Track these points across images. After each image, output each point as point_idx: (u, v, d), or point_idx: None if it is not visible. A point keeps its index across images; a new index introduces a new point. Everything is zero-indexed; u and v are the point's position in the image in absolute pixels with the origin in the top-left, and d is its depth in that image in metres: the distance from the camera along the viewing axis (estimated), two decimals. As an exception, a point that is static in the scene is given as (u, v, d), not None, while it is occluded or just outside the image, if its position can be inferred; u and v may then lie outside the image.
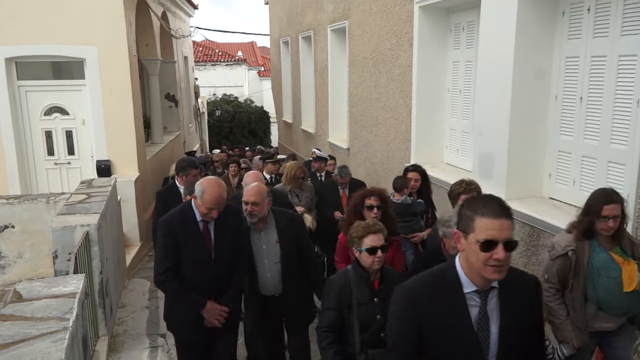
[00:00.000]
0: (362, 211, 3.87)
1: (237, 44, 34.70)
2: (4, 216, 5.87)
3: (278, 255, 3.77)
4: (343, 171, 6.02)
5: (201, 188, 3.37)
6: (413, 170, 5.27)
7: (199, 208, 3.41)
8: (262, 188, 3.74)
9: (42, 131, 8.07)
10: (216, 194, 3.35)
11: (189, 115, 15.75)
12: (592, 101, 4.11)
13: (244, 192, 3.84)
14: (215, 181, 3.47)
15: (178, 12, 14.21)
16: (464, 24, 5.93)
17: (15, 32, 7.49)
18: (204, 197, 3.34)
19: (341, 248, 3.91)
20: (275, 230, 3.80)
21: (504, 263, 1.78)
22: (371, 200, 3.91)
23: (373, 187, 4.10)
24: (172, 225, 3.43)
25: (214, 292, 3.53)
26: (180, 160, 5.74)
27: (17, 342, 2.27)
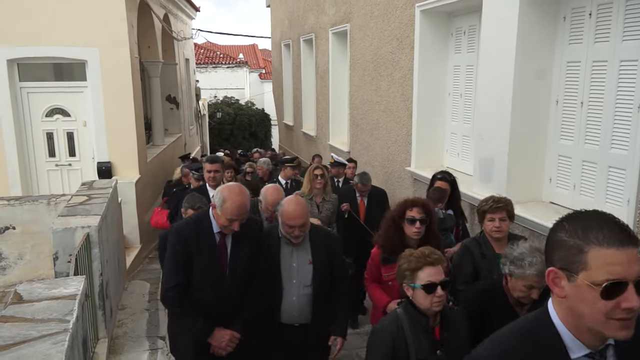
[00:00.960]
0: (402, 224, 3.34)
1: (239, 46, 34.76)
2: (5, 217, 5.88)
3: (309, 278, 3.23)
4: (364, 178, 5.53)
5: (222, 196, 2.94)
6: (442, 179, 4.69)
7: (218, 219, 2.99)
8: (305, 206, 3.22)
9: (43, 132, 8.09)
10: (239, 203, 2.93)
11: (190, 117, 15.77)
12: (593, 106, 4.12)
13: (285, 214, 3.26)
14: (239, 189, 3.03)
15: (180, 14, 14.24)
16: (465, 28, 5.94)
17: (18, 34, 7.51)
18: (225, 207, 2.91)
19: (373, 266, 3.41)
20: (309, 248, 3.27)
21: (635, 314, 1.24)
22: (413, 212, 3.30)
23: (416, 197, 3.49)
24: (185, 234, 3.04)
25: (227, 313, 3.13)
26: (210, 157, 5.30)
27: (18, 344, 2.27)
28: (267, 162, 7.54)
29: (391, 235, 3.13)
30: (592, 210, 1.39)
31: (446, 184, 4.61)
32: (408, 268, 2.44)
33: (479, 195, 4.99)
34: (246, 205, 2.97)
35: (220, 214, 2.94)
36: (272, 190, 3.68)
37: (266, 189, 3.69)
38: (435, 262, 2.42)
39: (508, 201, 3.46)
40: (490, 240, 3.38)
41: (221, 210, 2.93)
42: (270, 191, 3.66)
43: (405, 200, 3.41)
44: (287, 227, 3.16)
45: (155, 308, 5.71)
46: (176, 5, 13.37)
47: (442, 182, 4.64)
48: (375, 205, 5.51)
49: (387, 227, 3.36)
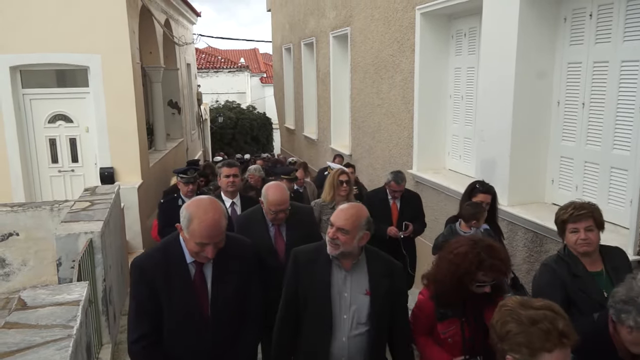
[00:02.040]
0: (469, 283, 2.44)
1: (240, 50, 34.87)
2: (9, 224, 5.88)
3: (365, 314, 2.50)
4: (399, 176, 4.86)
5: (187, 213, 2.31)
6: (485, 192, 4.03)
7: (187, 244, 2.35)
8: (361, 213, 2.52)
9: (46, 139, 8.10)
10: (210, 222, 2.28)
11: (191, 122, 15.79)
12: (595, 107, 4.12)
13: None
14: (209, 203, 2.36)
15: (181, 19, 14.29)
16: (465, 30, 5.95)
17: (20, 41, 7.54)
18: (192, 228, 2.28)
19: (423, 317, 2.62)
20: (366, 275, 2.55)
21: None
22: (486, 277, 2.43)
23: (492, 252, 2.45)
24: (149, 268, 2.37)
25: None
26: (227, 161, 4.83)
27: (22, 350, 2.28)
28: (258, 169, 6.99)
29: (451, 290, 2.44)
30: None
31: (489, 197, 4.02)
32: (527, 344, 1.70)
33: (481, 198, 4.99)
34: (220, 225, 2.31)
35: (188, 237, 2.30)
36: (274, 189, 3.31)
37: (267, 187, 3.34)
38: (569, 343, 1.69)
39: (593, 207, 2.79)
40: (578, 256, 2.73)
41: (188, 232, 2.29)
42: (272, 190, 3.30)
43: (478, 254, 2.41)
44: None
45: (158, 313, 5.69)
46: (177, 11, 13.41)
47: (484, 195, 4.00)
48: (409, 211, 4.99)
49: (448, 281, 2.47)
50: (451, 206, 5.75)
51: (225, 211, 2.41)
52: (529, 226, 4.38)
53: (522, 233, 4.49)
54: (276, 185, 3.35)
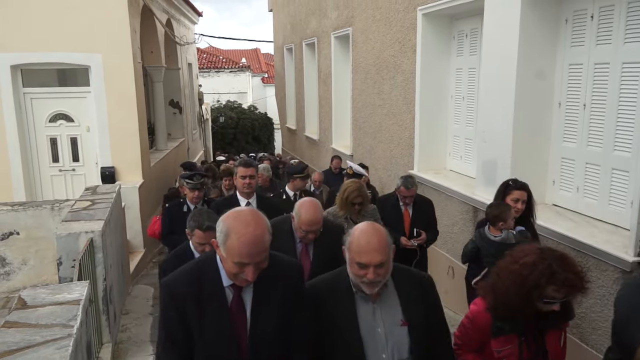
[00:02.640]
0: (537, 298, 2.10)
1: (241, 50, 34.91)
2: (9, 223, 5.89)
3: (406, 348, 2.15)
4: (409, 181, 4.64)
5: (224, 227, 1.94)
6: (520, 188, 3.73)
7: (224, 264, 1.98)
8: (383, 231, 2.16)
9: (47, 138, 8.12)
10: (251, 238, 1.89)
11: (193, 121, 15.80)
12: (596, 108, 4.11)
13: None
14: (250, 215, 1.98)
15: (182, 19, 14.30)
16: (467, 31, 5.95)
17: (21, 40, 7.55)
18: (230, 244, 1.90)
19: (473, 331, 2.34)
20: (397, 301, 2.18)
21: None
22: (558, 292, 2.09)
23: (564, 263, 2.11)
24: (180, 292, 2.02)
25: None
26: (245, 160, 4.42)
27: (22, 349, 2.28)
28: (267, 168, 6.88)
29: (514, 304, 2.12)
30: None
31: (525, 193, 3.73)
32: None
33: (482, 199, 4.99)
34: (263, 241, 1.92)
35: (225, 255, 1.93)
36: (307, 207, 3.01)
37: (301, 204, 3.04)
38: None
39: None
40: None
41: (225, 249, 1.93)
42: (305, 207, 3.00)
43: (549, 265, 2.07)
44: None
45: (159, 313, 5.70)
46: (179, 10, 13.42)
47: (519, 192, 3.71)
48: (421, 217, 4.78)
49: (512, 294, 2.14)
50: (452, 207, 5.75)
51: (269, 226, 1.99)
52: (530, 227, 4.37)
53: (523, 234, 4.49)
54: (311, 202, 3.06)
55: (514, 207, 3.66)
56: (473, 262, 3.96)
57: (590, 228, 3.97)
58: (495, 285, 2.24)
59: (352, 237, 2.12)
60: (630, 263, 3.36)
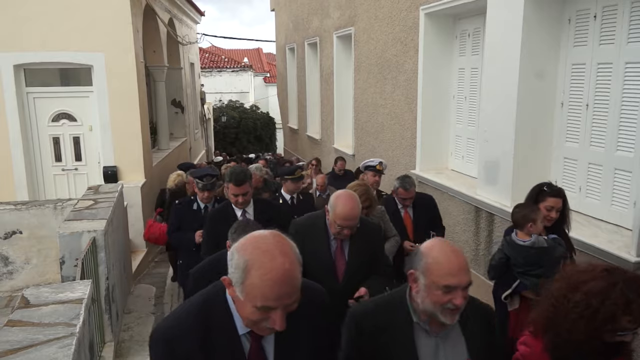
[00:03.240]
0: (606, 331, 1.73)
1: (243, 50, 34.92)
2: (12, 222, 5.91)
3: None
4: (406, 182, 4.32)
5: (240, 259, 1.46)
6: (555, 195, 3.36)
7: (242, 308, 1.50)
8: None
9: (49, 137, 8.13)
10: (280, 275, 1.42)
11: (195, 121, 15.82)
12: (598, 108, 4.11)
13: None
14: (274, 243, 1.48)
15: (185, 18, 14.31)
16: (469, 30, 5.94)
17: (24, 39, 7.56)
18: (250, 283, 1.43)
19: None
20: (462, 336, 1.86)
21: None
22: (631, 323, 1.71)
23: None
24: (180, 342, 1.56)
25: None
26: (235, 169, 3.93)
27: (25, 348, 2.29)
28: (259, 167, 6.53)
29: (580, 341, 1.75)
30: None
31: (560, 201, 3.36)
32: None
33: (484, 198, 4.99)
34: (295, 277, 1.46)
35: (243, 297, 1.46)
36: (344, 200, 2.78)
37: (337, 196, 2.82)
38: None
39: None
40: None
41: (243, 289, 1.45)
42: (342, 201, 2.78)
43: (622, 292, 1.69)
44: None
45: (161, 312, 5.72)
46: (181, 10, 13.43)
47: (554, 200, 3.33)
48: (425, 217, 4.46)
49: (581, 330, 1.75)
50: (454, 207, 5.74)
51: (299, 255, 1.51)
52: (532, 227, 4.37)
53: (525, 234, 4.48)
54: (347, 195, 2.83)
55: (547, 215, 3.29)
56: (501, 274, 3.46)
57: (593, 228, 3.97)
58: (554, 320, 1.83)
59: (428, 259, 1.76)
60: (633, 263, 3.36)
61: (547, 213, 3.31)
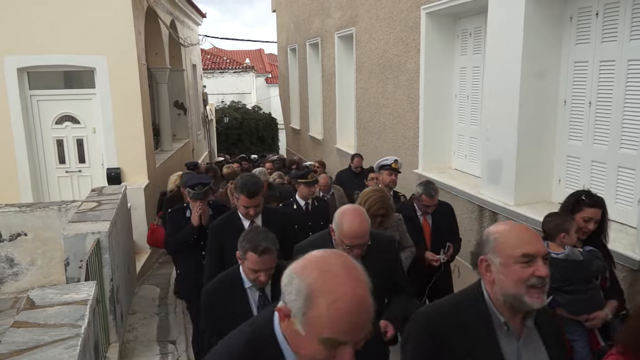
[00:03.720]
0: None
1: (245, 51, 34.93)
2: (17, 224, 5.93)
3: None
4: (432, 189, 4.05)
5: (304, 287, 1.23)
6: (593, 205, 3.06)
7: (302, 344, 1.26)
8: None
9: (53, 140, 8.16)
10: (353, 304, 1.20)
11: (197, 122, 15.84)
12: (601, 106, 4.10)
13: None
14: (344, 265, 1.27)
15: (186, 20, 14.34)
16: (471, 29, 5.94)
17: (27, 42, 7.59)
18: (316, 315, 1.21)
19: None
20: (540, 340, 1.71)
21: None
22: None
23: None
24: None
25: None
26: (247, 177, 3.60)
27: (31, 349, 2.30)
28: (264, 172, 6.20)
29: None
30: None
31: (599, 212, 3.06)
32: None
33: (488, 198, 4.99)
34: (370, 304, 1.24)
35: (305, 331, 1.24)
36: (351, 216, 2.50)
37: (342, 213, 2.54)
38: None
39: None
40: None
41: (306, 322, 1.23)
42: (348, 216, 2.50)
43: None
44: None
45: (165, 312, 5.73)
46: (182, 12, 13.46)
47: (593, 210, 3.04)
48: (444, 226, 4.20)
49: None
50: (457, 206, 5.73)
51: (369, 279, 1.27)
52: (536, 226, 4.35)
53: (529, 233, 4.48)
54: (353, 210, 2.55)
55: (584, 227, 3.00)
56: None
57: (597, 226, 3.95)
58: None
59: (496, 235, 1.64)
60: (638, 261, 3.35)
61: (584, 225, 3.00)
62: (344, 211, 2.55)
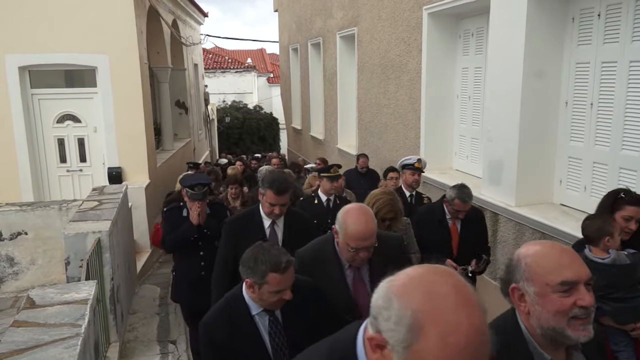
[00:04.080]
0: None
1: (247, 51, 34.94)
2: (17, 223, 5.93)
3: None
4: (466, 193, 3.76)
5: (409, 316, 1.00)
6: (634, 203, 2.93)
7: None
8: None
9: (54, 139, 8.16)
10: (472, 337, 0.98)
11: (198, 122, 15.85)
12: (603, 107, 4.09)
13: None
14: (457, 290, 1.03)
15: (188, 20, 14.34)
16: (473, 30, 5.93)
17: (29, 41, 7.60)
18: (427, 348, 0.98)
19: None
20: None
21: None
22: None
23: None
24: None
25: None
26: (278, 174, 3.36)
27: (31, 348, 2.30)
28: (270, 170, 5.89)
29: None
30: None
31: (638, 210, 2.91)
32: None
33: (489, 198, 4.98)
34: (487, 336, 1.03)
35: None
36: (355, 215, 2.32)
37: (346, 212, 2.35)
38: None
39: None
40: None
41: (409, 358, 1.02)
42: (353, 216, 2.32)
43: None
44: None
45: (165, 312, 5.73)
46: (184, 11, 13.46)
47: (634, 209, 2.89)
48: (472, 235, 3.96)
49: None
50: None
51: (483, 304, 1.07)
52: (537, 227, 4.36)
53: (530, 234, 4.47)
54: (358, 210, 2.33)
55: (625, 227, 2.86)
56: None
57: (598, 227, 3.95)
58: None
59: (527, 259, 1.43)
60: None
61: (625, 224, 2.87)
62: (347, 210, 2.33)
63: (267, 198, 3.14)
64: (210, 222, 4.09)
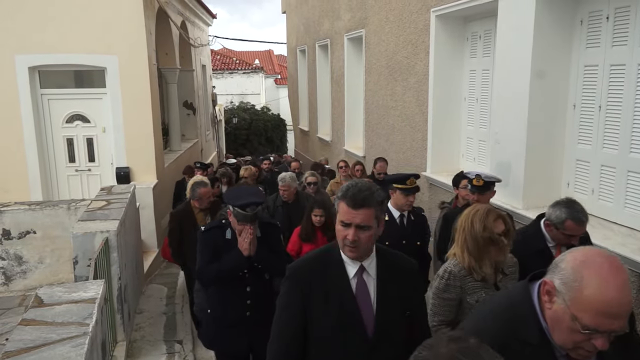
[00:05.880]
0: None
1: (255, 52, 35.01)
2: (26, 222, 5.99)
3: None
4: (580, 211, 3.00)
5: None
6: None
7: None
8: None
9: (63, 138, 8.23)
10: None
11: (206, 122, 15.90)
12: (611, 110, 4.07)
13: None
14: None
15: (197, 21, 14.40)
16: (480, 32, 5.92)
17: (38, 42, 7.66)
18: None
19: None
20: None
21: None
22: None
23: None
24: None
25: None
26: None
27: (38, 347, 2.32)
28: (293, 177, 5.50)
29: None
30: None
31: None
32: None
33: (496, 201, 4.96)
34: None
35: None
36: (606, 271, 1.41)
37: (585, 262, 1.45)
38: None
39: None
40: None
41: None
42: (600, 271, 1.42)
43: None
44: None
45: (172, 312, 5.76)
46: (193, 13, 13.52)
47: None
48: None
49: None
50: (465, 209, 5.71)
51: None
52: (544, 230, 4.33)
53: (537, 237, 4.45)
54: (609, 263, 1.39)
55: None
56: None
57: (605, 231, 3.93)
58: None
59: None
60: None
61: None
62: (586, 261, 1.40)
63: (339, 214, 1.98)
64: (261, 252, 3.21)
